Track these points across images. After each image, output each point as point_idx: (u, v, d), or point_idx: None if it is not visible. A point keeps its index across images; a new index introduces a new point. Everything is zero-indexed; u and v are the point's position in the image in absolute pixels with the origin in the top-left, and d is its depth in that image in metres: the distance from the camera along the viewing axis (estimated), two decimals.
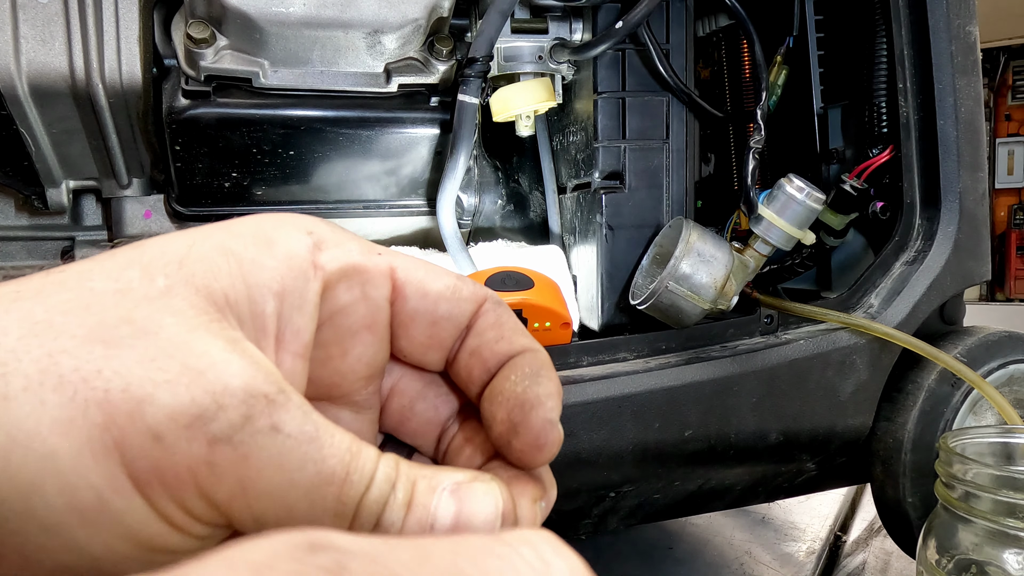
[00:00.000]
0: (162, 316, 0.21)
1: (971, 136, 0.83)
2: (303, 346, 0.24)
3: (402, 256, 0.27)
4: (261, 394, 0.20)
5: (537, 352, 0.28)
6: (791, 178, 0.78)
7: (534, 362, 0.27)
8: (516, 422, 0.26)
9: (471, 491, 0.23)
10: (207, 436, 0.19)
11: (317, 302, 0.25)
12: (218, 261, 0.23)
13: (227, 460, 0.20)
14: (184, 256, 0.22)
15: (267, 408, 0.20)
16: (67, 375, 0.19)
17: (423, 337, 0.27)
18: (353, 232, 0.27)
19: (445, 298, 0.27)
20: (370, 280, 0.26)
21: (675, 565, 1.00)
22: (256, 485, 0.20)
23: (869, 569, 0.98)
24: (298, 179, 0.82)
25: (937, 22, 0.81)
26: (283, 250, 0.25)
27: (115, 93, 0.72)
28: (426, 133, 0.82)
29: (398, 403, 0.29)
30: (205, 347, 0.20)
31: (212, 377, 0.20)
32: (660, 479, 0.78)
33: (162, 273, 0.22)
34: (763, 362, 0.76)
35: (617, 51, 0.80)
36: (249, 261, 0.24)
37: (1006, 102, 4.74)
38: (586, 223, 0.84)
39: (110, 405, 0.19)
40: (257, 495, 0.20)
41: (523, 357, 0.27)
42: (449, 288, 0.27)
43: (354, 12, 0.73)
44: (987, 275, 0.86)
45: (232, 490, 0.20)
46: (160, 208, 0.84)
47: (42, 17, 0.69)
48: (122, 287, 0.21)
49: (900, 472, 0.80)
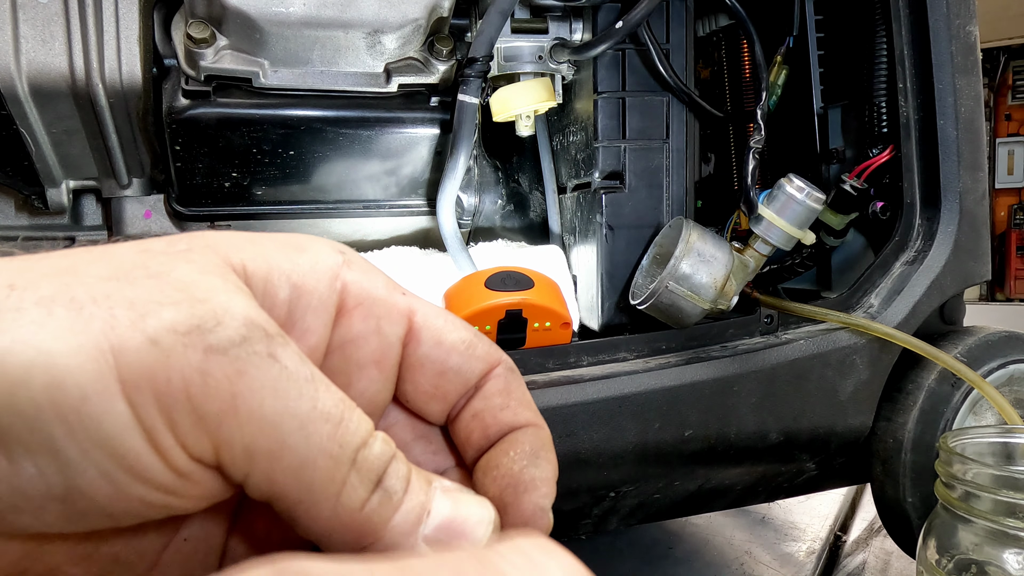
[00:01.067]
0: (176, 263, 0.21)
1: (971, 136, 0.83)
2: (309, 349, 0.24)
3: (424, 302, 0.27)
4: (260, 326, 0.21)
5: (540, 429, 0.27)
6: (791, 178, 0.78)
7: (535, 441, 0.27)
8: (507, 503, 0.25)
9: (464, 497, 0.23)
10: (204, 344, 0.20)
11: (332, 312, 0.25)
12: (244, 243, 0.23)
13: (222, 372, 0.20)
14: (211, 235, 0.23)
15: (266, 338, 0.20)
16: (79, 296, 0.20)
17: (429, 386, 0.27)
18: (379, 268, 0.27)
19: (459, 351, 0.27)
20: (388, 315, 0.26)
21: (675, 565, 1.00)
22: (248, 403, 0.20)
23: (869, 569, 0.98)
24: (298, 179, 0.82)
25: (937, 22, 0.81)
26: (311, 256, 0.25)
27: (115, 93, 0.72)
28: (426, 133, 0.82)
29: None
30: (212, 285, 0.21)
31: (215, 303, 0.20)
32: (660, 479, 0.78)
33: (185, 241, 0.23)
34: (763, 362, 0.77)
35: (617, 51, 0.81)
36: (275, 251, 0.24)
37: (1006, 102, 4.74)
38: (586, 223, 0.84)
39: (113, 318, 0.19)
40: (249, 415, 0.20)
41: (525, 432, 0.27)
42: (464, 342, 0.27)
43: (354, 12, 0.73)
44: (987, 275, 0.86)
45: (223, 408, 0.20)
46: (160, 208, 0.84)
47: (42, 17, 0.69)
48: (145, 248, 0.22)
49: (900, 472, 0.80)
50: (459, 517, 0.23)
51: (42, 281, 0.20)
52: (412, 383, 0.27)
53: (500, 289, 0.71)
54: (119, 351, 0.19)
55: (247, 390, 0.20)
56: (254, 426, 0.20)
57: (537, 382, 0.70)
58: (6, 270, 0.20)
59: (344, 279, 0.25)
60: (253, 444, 0.20)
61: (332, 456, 0.21)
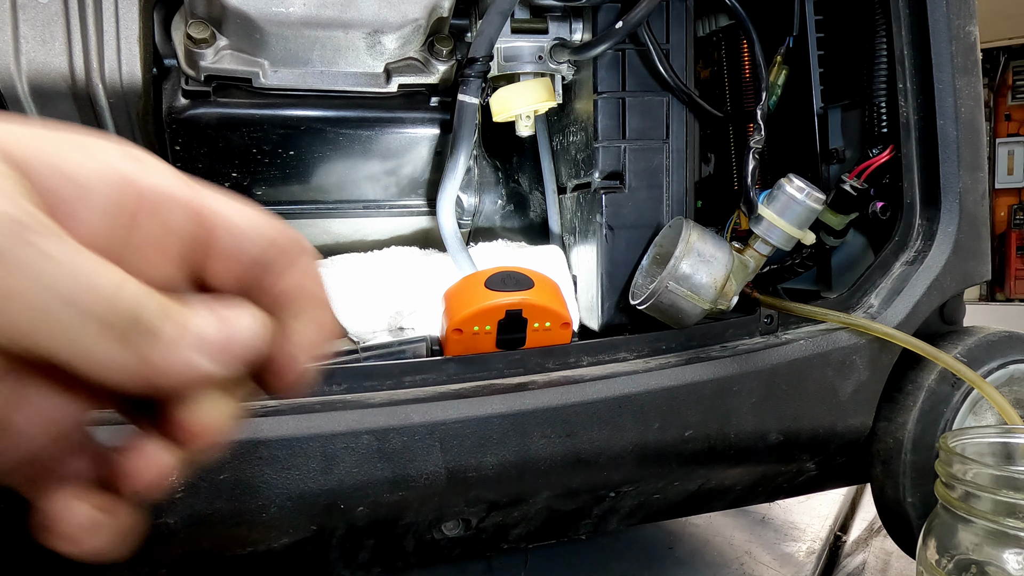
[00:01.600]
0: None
1: (971, 136, 0.83)
2: (84, 238, 0.25)
3: (219, 198, 0.29)
4: (16, 218, 0.22)
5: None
6: (791, 178, 0.78)
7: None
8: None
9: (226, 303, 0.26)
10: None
11: (114, 207, 0.26)
12: (29, 137, 0.25)
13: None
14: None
15: (20, 227, 0.22)
16: None
17: (225, 272, 0.29)
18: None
19: (251, 239, 0.29)
20: (174, 210, 0.27)
21: (675, 565, 1.00)
22: (6, 282, 0.22)
23: (869, 569, 0.98)
24: (298, 179, 0.82)
25: (937, 22, 0.81)
26: (94, 156, 0.26)
27: (115, 93, 0.72)
28: (426, 133, 0.82)
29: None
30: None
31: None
32: (660, 479, 0.78)
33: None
34: (763, 362, 0.77)
35: (617, 51, 0.81)
36: (57, 148, 0.25)
37: (1006, 102, 4.74)
38: (586, 223, 0.84)
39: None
40: (9, 294, 0.22)
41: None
42: (255, 229, 0.30)
43: (354, 12, 0.73)
44: (987, 275, 0.86)
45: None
46: None
47: (42, 17, 0.69)
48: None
49: (900, 472, 0.80)
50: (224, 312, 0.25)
51: None
52: (210, 271, 0.29)
53: (500, 289, 0.71)
54: None
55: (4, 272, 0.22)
56: (15, 300, 0.22)
57: (537, 382, 0.70)
58: None
59: (134, 180, 0.26)
60: (18, 317, 0.22)
61: (80, 311, 0.23)
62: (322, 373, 0.67)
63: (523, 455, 0.67)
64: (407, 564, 0.79)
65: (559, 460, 0.69)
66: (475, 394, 0.67)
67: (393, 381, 0.68)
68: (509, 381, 0.70)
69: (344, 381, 0.67)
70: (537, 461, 0.68)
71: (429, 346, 0.74)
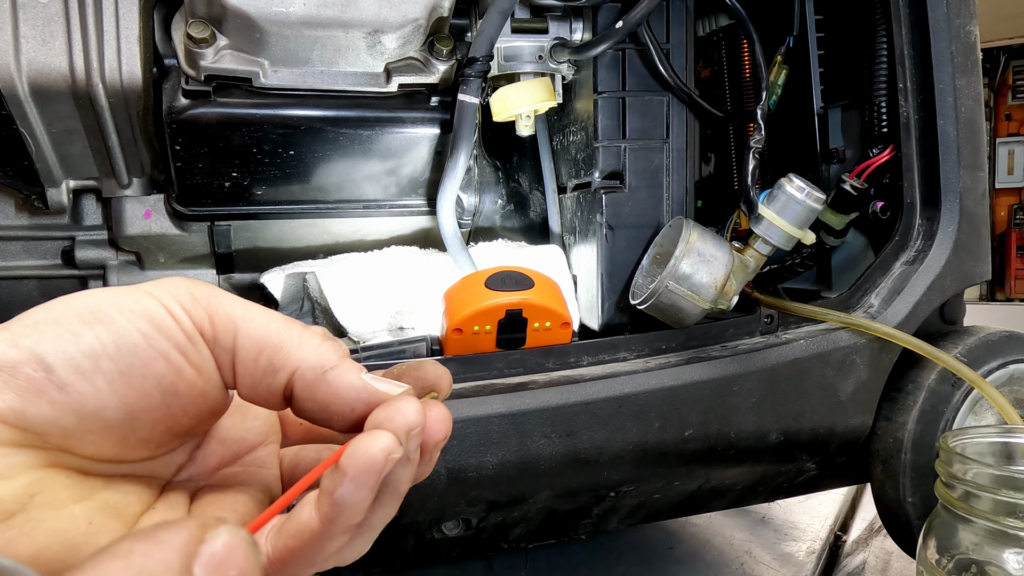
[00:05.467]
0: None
1: (971, 136, 0.83)
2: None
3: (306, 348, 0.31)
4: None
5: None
6: (791, 178, 0.78)
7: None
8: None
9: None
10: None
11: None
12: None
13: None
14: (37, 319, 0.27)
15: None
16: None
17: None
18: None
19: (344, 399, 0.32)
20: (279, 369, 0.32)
21: (675, 565, 1.00)
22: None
23: (869, 569, 0.98)
24: (298, 179, 0.82)
25: (937, 22, 0.81)
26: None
27: (115, 93, 0.72)
28: (426, 133, 0.82)
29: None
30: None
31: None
32: (660, 479, 0.78)
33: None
34: (763, 362, 0.77)
35: (617, 51, 0.81)
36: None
37: (1006, 102, 4.74)
38: (586, 223, 0.84)
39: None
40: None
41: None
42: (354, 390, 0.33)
43: (354, 12, 0.73)
44: (987, 275, 0.86)
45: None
46: (160, 208, 0.84)
47: (42, 17, 0.69)
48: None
49: (900, 472, 0.80)
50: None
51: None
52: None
53: (500, 289, 0.71)
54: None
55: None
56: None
57: (537, 382, 0.70)
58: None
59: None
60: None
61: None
62: None
63: (523, 455, 0.67)
64: (407, 564, 0.79)
65: (559, 460, 0.69)
66: (475, 394, 0.67)
67: None
68: (509, 381, 0.70)
69: None
70: (537, 461, 0.68)
71: (429, 346, 0.74)
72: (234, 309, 0.29)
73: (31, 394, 0.26)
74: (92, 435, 0.27)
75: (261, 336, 0.29)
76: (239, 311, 0.29)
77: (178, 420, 0.29)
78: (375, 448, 0.27)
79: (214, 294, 0.29)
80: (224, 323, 0.29)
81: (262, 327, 0.29)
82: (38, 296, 0.90)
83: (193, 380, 0.29)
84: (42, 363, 0.26)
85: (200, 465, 0.33)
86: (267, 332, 0.29)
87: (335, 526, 0.27)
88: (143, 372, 0.27)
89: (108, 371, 0.27)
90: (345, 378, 0.29)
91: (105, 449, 0.28)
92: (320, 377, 0.29)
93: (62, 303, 0.27)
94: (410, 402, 0.28)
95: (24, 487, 0.25)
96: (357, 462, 0.26)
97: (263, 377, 0.29)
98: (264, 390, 0.30)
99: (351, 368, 0.30)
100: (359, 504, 0.27)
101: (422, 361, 0.33)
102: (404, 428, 0.28)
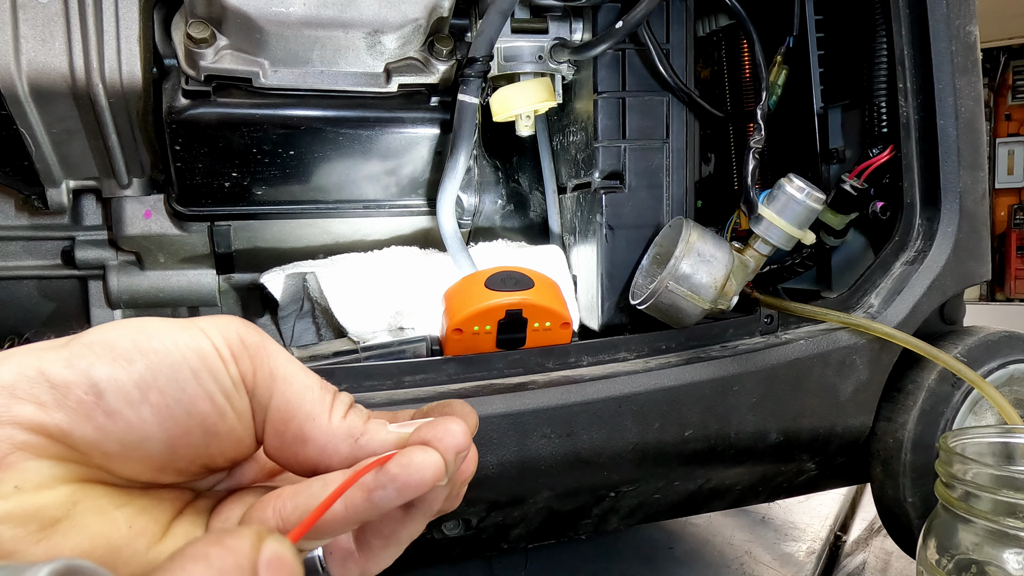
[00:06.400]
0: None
1: (971, 136, 0.83)
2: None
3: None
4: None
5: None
6: (791, 178, 0.78)
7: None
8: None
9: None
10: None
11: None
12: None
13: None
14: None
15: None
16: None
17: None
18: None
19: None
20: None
21: (675, 565, 1.00)
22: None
23: (869, 569, 0.98)
24: (298, 179, 0.82)
25: (937, 22, 0.81)
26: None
27: (115, 93, 0.72)
28: (426, 133, 0.82)
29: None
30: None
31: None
32: (660, 479, 0.78)
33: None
34: (763, 362, 0.76)
35: (617, 51, 0.81)
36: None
37: (1006, 102, 4.74)
38: (586, 223, 0.84)
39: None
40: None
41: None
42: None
43: (354, 12, 0.73)
44: (987, 275, 0.86)
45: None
46: (160, 208, 0.84)
47: (42, 17, 0.69)
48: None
49: (900, 472, 0.80)
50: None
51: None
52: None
53: (500, 289, 0.71)
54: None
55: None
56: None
57: (537, 382, 0.70)
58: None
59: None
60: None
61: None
62: (322, 373, 0.67)
63: (523, 455, 0.67)
64: (407, 564, 0.79)
65: (559, 460, 0.69)
66: (475, 394, 0.67)
67: (393, 381, 0.68)
68: (509, 381, 0.70)
69: (344, 381, 0.67)
70: (537, 461, 0.68)
71: (429, 346, 0.74)
72: (276, 367, 0.30)
73: (80, 417, 0.26)
74: (132, 461, 0.28)
75: (296, 403, 0.30)
76: (281, 370, 0.30)
77: (214, 459, 0.30)
78: (428, 464, 0.28)
79: (262, 344, 0.30)
80: (264, 380, 0.29)
81: (298, 394, 0.30)
82: (38, 296, 0.90)
83: (233, 425, 0.29)
84: (94, 388, 0.26)
85: (235, 480, 0.33)
86: (303, 401, 0.30)
87: (353, 518, 0.28)
88: (189, 409, 0.28)
89: (156, 403, 0.27)
90: (376, 439, 0.30)
91: (142, 474, 0.29)
92: (353, 446, 0.30)
93: (121, 327, 0.28)
94: (458, 423, 0.29)
95: (67, 495, 0.26)
96: (407, 473, 0.28)
97: (292, 444, 0.30)
98: (291, 456, 0.30)
99: (378, 428, 0.31)
100: (387, 509, 0.28)
101: (450, 401, 0.34)
102: (453, 448, 0.29)
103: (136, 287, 0.88)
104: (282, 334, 0.91)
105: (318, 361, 0.71)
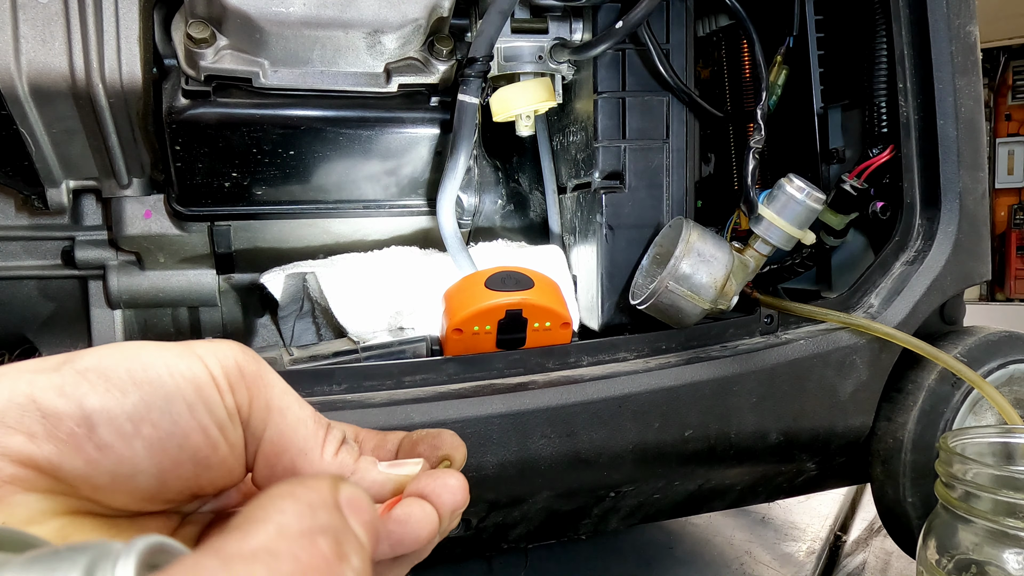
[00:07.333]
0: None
1: (971, 136, 0.83)
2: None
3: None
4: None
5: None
6: (791, 178, 0.78)
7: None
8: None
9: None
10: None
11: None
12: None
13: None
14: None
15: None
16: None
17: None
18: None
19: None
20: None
21: (675, 565, 1.00)
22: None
23: (869, 569, 0.98)
24: (298, 179, 0.82)
25: (937, 22, 0.81)
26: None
27: (115, 93, 0.72)
28: (426, 133, 0.82)
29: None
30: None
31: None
32: (660, 479, 0.78)
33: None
34: (763, 362, 0.77)
35: (617, 51, 0.81)
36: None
37: (1006, 102, 4.74)
38: (586, 223, 0.84)
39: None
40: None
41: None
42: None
43: (354, 12, 0.73)
44: (987, 275, 0.86)
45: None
46: (160, 208, 0.84)
47: (42, 17, 0.69)
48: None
49: (900, 472, 0.80)
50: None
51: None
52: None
53: (500, 289, 0.71)
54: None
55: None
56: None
57: (537, 382, 0.70)
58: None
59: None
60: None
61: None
62: (322, 373, 0.67)
63: (523, 455, 0.67)
64: None
65: (559, 460, 0.69)
66: (475, 394, 0.67)
67: (393, 381, 0.68)
68: (509, 381, 0.70)
69: (344, 381, 0.67)
70: (537, 461, 0.68)
71: (429, 346, 0.74)
72: (272, 398, 0.29)
73: (70, 449, 0.26)
74: (121, 493, 0.27)
75: (290, 437, 0.30)
76: (276, 401, 0.29)
77: (203, 488, 0.30)
78: (425, 523, 0.29)
79: (260, 374, 0.29)
80: (260, 411, 0.29)
81: (292, 428, 0.30)
82: (38, 296, 0.90)
83: (225, 457, 0.29)
84: (87, 420, 0.26)
85: (221, 503, 0.33)
86: (296, 436, 0.30)
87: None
88: (181, 443, 0.27)
89: (148, 437, 0.27)
90: (367, 478, 0.31)
91: (131, 504, 0.28)
92: None
93: (117, 353, 0.27)
94: (457, 478, 0.30)
95: (57, 530, 0.26)
96: (403, 531, 0.29)
97: (281, 476, 0.30)
98: None
99: (368, 467, 0.31)
100: (377, 559, 0.29)
101: (440, 432, 0.34)
102: (451, 507, 0.30)
103: (136, 287, 0.88)
104: (282, 334, 0.91)
105: (318, 361, 0.71)
